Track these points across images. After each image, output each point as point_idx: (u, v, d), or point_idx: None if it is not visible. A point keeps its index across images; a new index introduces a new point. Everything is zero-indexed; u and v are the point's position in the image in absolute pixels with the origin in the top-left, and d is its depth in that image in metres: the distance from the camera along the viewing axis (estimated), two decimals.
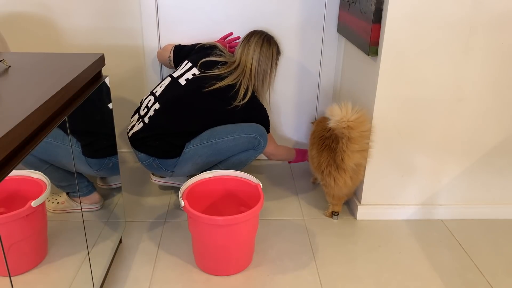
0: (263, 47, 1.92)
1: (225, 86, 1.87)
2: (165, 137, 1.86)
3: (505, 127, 1.85)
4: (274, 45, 1.96)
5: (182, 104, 1.87)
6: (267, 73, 1.95)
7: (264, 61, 1.93)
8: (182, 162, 1.88)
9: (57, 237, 1.19)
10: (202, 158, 1.88)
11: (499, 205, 2.00)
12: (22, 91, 1.08)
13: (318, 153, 1.92)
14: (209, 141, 1.86)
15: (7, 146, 0.85)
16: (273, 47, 1.95)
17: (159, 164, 1.89)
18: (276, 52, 1.98)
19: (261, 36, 1.95)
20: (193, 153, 1.86)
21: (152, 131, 1.86)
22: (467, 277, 1.65)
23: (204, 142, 1.86)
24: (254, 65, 1.91)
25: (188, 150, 1.86)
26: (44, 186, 1.09)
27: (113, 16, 2.18)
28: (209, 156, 1.89)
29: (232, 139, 1.88)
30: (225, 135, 1.87)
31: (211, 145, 1.86)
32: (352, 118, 1.69)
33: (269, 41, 1.95)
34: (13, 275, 0.91)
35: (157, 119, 1.86)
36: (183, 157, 1.87)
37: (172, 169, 1.91)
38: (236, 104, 1.87)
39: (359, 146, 1.76)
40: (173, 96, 1.88)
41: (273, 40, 1.97)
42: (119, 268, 1.66)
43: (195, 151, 1.86)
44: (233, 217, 1.51)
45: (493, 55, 1.71)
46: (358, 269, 1.68)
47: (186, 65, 1.96)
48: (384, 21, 1.66)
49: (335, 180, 1.84)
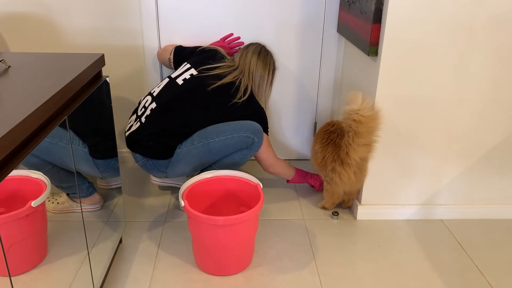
0: (260, 54, 2.01)
1: (226, 84, 1.88)
2: (160, 137, 1.85)
3: (505, 127, 1.85)
4: (271, 56, 2.06)
5: (179, 103, 1.86)
6: (263, 78, 1.99)
7: (260, 65, 1.98)
8: (174, 163, 1.87)
9: (57, 237, 1.19)
10: (195, 159, 1.87)
11: (499, 205, 2.00)
12: (22, 91, 1.08)
13: (322, 147, 1.91)
14: (200, 141, 1.85)
15: (7, 146, 0.85)
16: (270, 57, 2.05)
17: (152, 164, 1.89)
18: (273, 62, 2.07)
19: (259, 46, 2.04)
20: (185, 154, 1.85)
21: (148, 131, 1.85)
22: (467, 277, 1.65)
23: (196, 143, 1.85)
24: (252, 67, 1.96)
25: (180, 150, 1.85)
26: (44, 186, 1.09)
27: (113, 16, 2.18)
28: (202, 157, 1.88)
29: (224, 138, 1.85)
30: (216, 135, 1.85)
31: (203, 146, 1.85)
32: (366, 113, 1.68)
33: (266, 52, 2.04)
34: (13, 275, 0.91)
35: (153, 118, 1.85)
36: (175, 158, 1.86)
37: (165, 170, 1.90)
38: (236, 101, 1.88)
39: (365, 140, 1.75)
40: (170, 95, 1.88)
41: (270, 53, 2.07)
42: (119, 268, 1.66)
43: (187, 151, 1.85)
44: (233, 217, 1.51)
45: (493, 55, 1.71)
46: (358, 269, 1.68)
47: (185, 66, 1.96)
48: (384, 21, 1.66)
49: (340, 176, 1.84)
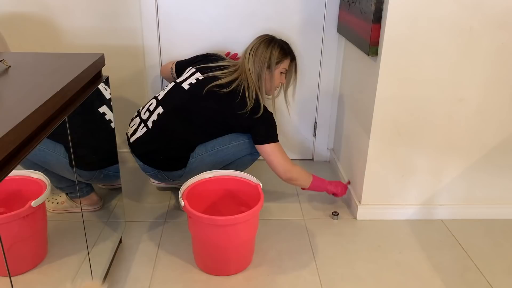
0: (259, 48, 1.87)
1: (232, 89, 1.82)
2: (170, 149, 1.83)
3: (505, 127, 1.85)
4: (273, 47, 1.88)
5: (187, 110, 1.83)
6: (261, 74, 1.85)
7: (257, 62, 1.85)
8: (188, 173, 1.86)
9: (57, 237, 1.19)
10: (208, 166, 1.87)
11: (499, 205, 2.00)
12: (22, 91, 1.08)
13: None
14: (214, 148, 1.86)
15: (7, 146, 0.85)
16: (271, 49, 1.87)
17: (164, 175, 1.89)
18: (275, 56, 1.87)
19: (261, 38, 1.90)
20: (199, 162, 1.85)
21: (157, 139, 1.82)
22: (467, 277, 1.65)
23: (209, 150, 1.85)
24: (250, 65, 1.85)
25: (194, 160, 1.85)
26: (44, 186, 1.09)
27: (113, 16, 2.18)
28: (215, 164, 1.89)
29: (237, 144, 1.88)
30: (229, 141, 1.87)
31: (217, 153, 1.86)
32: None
33: (268, 43, 1.88)
34: (13, 275, 0.91)
35: (161, 123, 1.83)
36: (189, 167, 1.86)
37: (179, 179, 1.90)
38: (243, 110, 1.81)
39: None
40: (177, 100, 1.85)
41: (273, 43, 1.89)
42: (119, 268, 1.66)
43: (201, 160, 1.85)
44: (233, 217, 1.51)
45: (493, 55, 1.71)
46: (358, 269, 1.68)
47: (190, 71, 1.94)
48: (384, 21, 1.66)
49: None
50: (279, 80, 1.94)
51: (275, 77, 1.91)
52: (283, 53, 1.90)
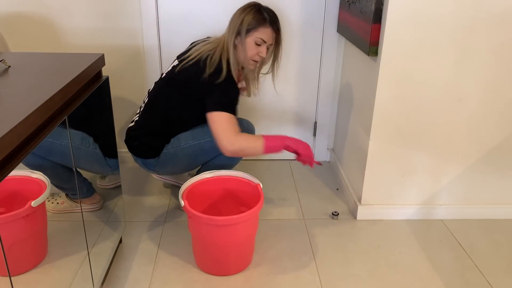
0: (235, 14, 1.76)
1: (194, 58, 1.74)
2: (144, 135, 1.85)
3: (505, 127, 1.85)
4: (248, 13, 1.71)
5: (162, 95, 1.84)
6: (230, 40, 1.72)
7: (228, 27, 1.75)
8: (162, 163, 1.87)
9: (57, 237, 1.19)
10: (183, 162, 1.87)
11: (499, 205, 2.00)
12: (22, 91, 1.08)
13: None
14: (187, 142, 1.83)
15: (7, 146, 0.85)
16: (245, 14, 1.71)
17: (141, 163, 1.91)
18: (247, 22, 1.70)
19: (241, 7, 1.77)
20: (172, 155, 1.85)
21: (139, 128, 1.86)
22: (467, 277, 1.65)
23: (182, 144, 1.84)
24: (225, 33, 1.77)
25: (167, 151, 1.85)
26: (44, 186, 1.09)
27: (113, 16, 2.18)
28: (190, 160, 1.88)
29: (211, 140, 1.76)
30: (203, 136, 1.82)
31: (190, 147, 1.83)
32: None
33: (244, 8, 1.74)
34: (13, 275, 0.91)
35: (143, 113, 1.88)
36: (162, 158, 1.86)
37: (153, 168, 1.91)
38: (204, 75, 1.70)
39: None
40: (157, 89, 1.88)
41: (250, 9, 1.73)
42: (119, 268, 1.66)
43: (174, 153, 1.85)
44: (233, 217, 1.51)
45: (493, 55, 1.71)
46: (358, 269, 1.68)
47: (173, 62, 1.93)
48: (384, 21, 1.66)
49: None
50: (255, 50, 1.74)
51: (247, 45, 1.73)
52: (258, 19, 1.71)
